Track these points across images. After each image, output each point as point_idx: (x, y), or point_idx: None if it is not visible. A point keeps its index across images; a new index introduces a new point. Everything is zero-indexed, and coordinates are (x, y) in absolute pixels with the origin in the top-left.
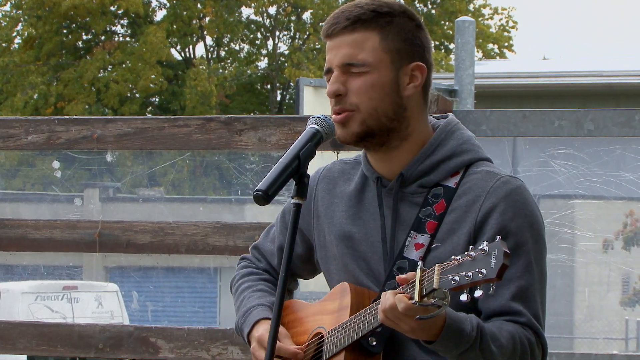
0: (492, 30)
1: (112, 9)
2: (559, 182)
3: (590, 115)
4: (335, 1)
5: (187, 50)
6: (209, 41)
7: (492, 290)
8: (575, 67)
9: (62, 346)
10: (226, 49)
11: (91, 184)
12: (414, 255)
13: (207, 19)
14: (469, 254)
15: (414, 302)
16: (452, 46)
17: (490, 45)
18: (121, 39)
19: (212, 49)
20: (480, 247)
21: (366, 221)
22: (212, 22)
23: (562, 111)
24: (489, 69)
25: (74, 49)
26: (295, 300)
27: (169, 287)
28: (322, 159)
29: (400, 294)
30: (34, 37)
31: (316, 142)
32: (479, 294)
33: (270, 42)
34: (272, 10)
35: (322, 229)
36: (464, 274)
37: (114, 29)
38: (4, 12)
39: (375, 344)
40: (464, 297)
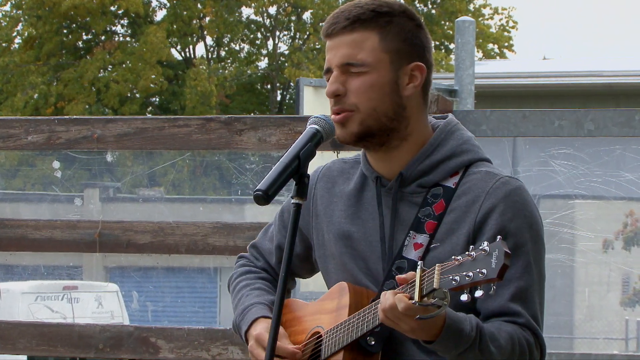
0: (492, 30)
1: (112, 9)
2: (559, 182)
3: (590, 115)
4: (335, 1)
5: (187, 50)
6: (209, 41)
7: (493, 290)
8: (575, 67)
9: (62, 346)
10: (226, 49)
11: (91, 184)
12: (413, 255)
13: (207, 19)
14: (469, 254)
15: (414, 302)
16: (452, 46)
17: (490, 45)
18: (121, 39)
19: (212, 49)
20: (480, 247)
21: (365, 220)
22: (212, 22)
23: (562, 111)
24: (489, 69)
25: (74, 49)
26: (293, 299)
27: (169, 287)
28: (322, 159)
29: (400, 293)
30: (34, 37)
31: (316, 142)
32: (479, 294)
33: (270, 42)
34: (272, 10)
35: (320, 228)
36: (464, 274)
37: (114, 29)
38: (4, 12)
39: (373, 343)
40: (465, 297)
